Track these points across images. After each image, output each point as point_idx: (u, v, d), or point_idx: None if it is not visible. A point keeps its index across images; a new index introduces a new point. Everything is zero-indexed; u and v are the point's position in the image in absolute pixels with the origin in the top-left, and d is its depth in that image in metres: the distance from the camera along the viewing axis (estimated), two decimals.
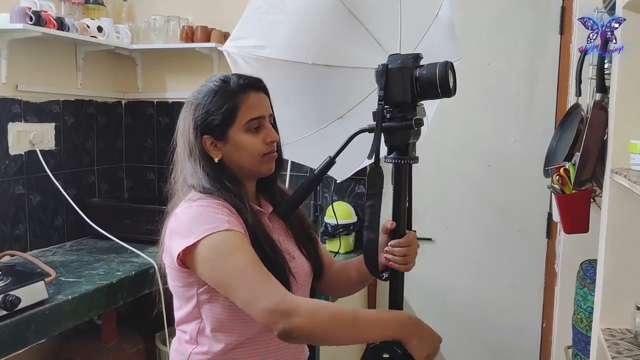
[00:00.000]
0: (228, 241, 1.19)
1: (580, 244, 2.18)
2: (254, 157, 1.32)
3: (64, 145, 2.77)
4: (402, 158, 1.28)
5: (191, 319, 1.30)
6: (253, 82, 1.34)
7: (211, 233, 1.19)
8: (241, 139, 1.30)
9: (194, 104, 1.33)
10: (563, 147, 1.99)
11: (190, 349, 1.31)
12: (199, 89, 1.35)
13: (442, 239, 2.94)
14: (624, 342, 1.48)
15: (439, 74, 1.20)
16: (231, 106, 1.29)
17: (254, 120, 1.31)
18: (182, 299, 1.31)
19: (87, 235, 2.82)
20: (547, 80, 2.73)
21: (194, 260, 1.20)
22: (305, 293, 1.41)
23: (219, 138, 1.31)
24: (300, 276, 1.37)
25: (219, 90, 1.31)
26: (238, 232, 1.21)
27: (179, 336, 1.36)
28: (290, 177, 2.81)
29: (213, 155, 1.31)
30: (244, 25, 1.65)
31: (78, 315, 1.97)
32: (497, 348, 2.91)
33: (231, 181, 1.31)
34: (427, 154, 2.82)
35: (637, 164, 1.40)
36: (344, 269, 1.52)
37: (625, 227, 1.53)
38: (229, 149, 1.31)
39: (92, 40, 2.67)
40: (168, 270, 1.32)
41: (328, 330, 1.15)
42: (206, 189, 1.28)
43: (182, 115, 1.36)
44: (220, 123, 1.30)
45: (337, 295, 1.64)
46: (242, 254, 1.19)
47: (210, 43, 2.82)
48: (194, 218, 1.22)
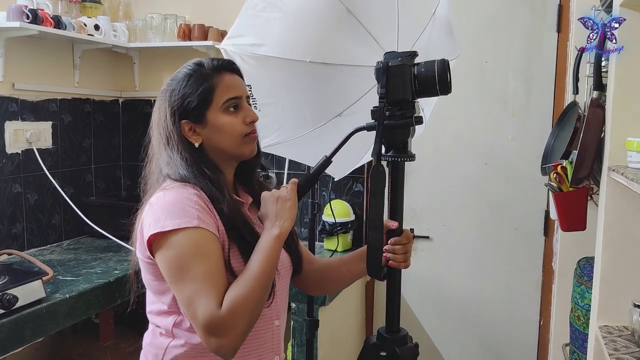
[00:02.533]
0: (191, 242, 1.18)
1: (578, 241, 2.19)
2: (234, 138, 1.30)
3: (61, 143, 2.77)
4: (400, 156, 1.27)
5: (167, 313, 1.27)
6: (227, 64, 1.34)
7: (179, 228, 1.17)
8: (220, 120, 1.28)
9: (169, 90, 1.31)
10: (560, 145, 1.99)
11: (167, 342, 1.28)
12: (172, 76, 1.33)
13: (440, 237, 2.94)
14: (621, 339, 1.49)
15: (437, 71, 1.20)
16: (207, 87, 1.28)
17: (232, 100, 1.29)
18: (157, 292, 1.28)
19: (84, 234, 2.82)
20: (544, 78, 2.74)
21: (157, 248, 1.20)
22: (285, 285, 1.40)
23: (198, 121, 1.29)
24: (282, 267, 1.36)
25: (193, 73, 1.30)
26: (205, 230, 1.19)
27: (153, 330, 1.33)
28: (288, 175, 2.81)
29: (193, 140, 1.29)
30: (241, 23, 1.65)
31: (75, 314, 1.97)
32: (495, 345, 2.92)
33: (210, 168, 1.29)
34: (425, 152, 2.86)
35: (634, 162, 1.40)
36: (329, 267, 1.51)
37: (622, 225, 1.54)
38: (208, 132, 1.29)
39: (89, 38, 2.67)
40: (141, 264, 1.29)
41: (253, 317, 1.17)
42: (183, 176, 1.26)
43: (156, 105, 1.34)
44: (198, 105, 1.28)
45: (317, 292, 1.63)
46: (198, 263, 1.17)
47: (207, 41, 2.82)
48: (166, 208, 1.20)
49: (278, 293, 1.33)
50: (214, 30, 2.85)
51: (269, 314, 1.33)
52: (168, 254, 1.18)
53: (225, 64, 1.33)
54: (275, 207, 1.26)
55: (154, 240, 1.19)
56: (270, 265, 1.20)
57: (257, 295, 1.17)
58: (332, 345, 2.59)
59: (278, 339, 1.38)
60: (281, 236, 1.23)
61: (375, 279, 1.36)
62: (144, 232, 1.22)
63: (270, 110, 1.56)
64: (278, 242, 1.23)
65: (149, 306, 1.33)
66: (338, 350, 2.68)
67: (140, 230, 1.26)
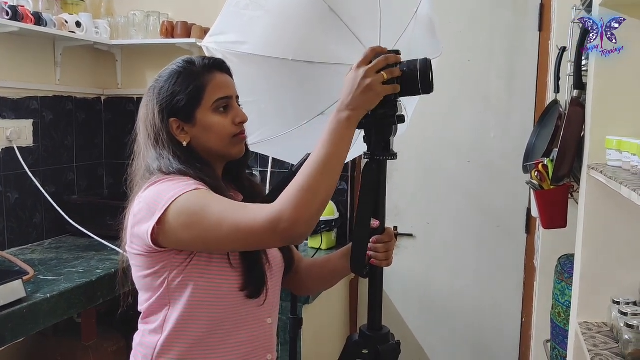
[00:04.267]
0: (196, 198, 1.16)
1: (559, 239, 2.21)
2: (223, 138, 1.28)
3: (42, 141, 2.74)
4: (382, 155, 1.28)
5: (158, 309, 1.26)
6: (218, 63, 1.32)
7: (177, 197, 1.15)
8: (209, 120, 1.27)
9: (157, 87, 1.29)
10: (542, 144, 2.01)
11: (156, 340, 1.26)
12: (161, 73, 1.31)
13: (423, 234, 2.96)
14: (600, 335, 1.51)
15: (420, 70, 1.20)
16: (197, 86, 1.26)
17: (222, 100, 1.28)
18: (149, 290, 1.26)
19: (66, 233, 2.79)
20: (526, 77, 2.76)
21: (167, 233, 1.16)
22: (278, 282, 1.39)
23: (186, 120, 1.27)
24: (275, 264, 1.36)
25: (183, 71, 1.28)
26: (205, 189, 1.18)
27: (143, 329, 1.31)
28: (272, 173, 2.81)
29: (181, 139, 1.27)
30: (223, 20, 1.64)
31: (57, 313, 1.95)
32: (478, 342, 2.94)
33: (203, 164, 1.27)
34: (408, 151, 2.87)
35: (613, 160, 1.42)
36: (314, 266, 1.51)
37: (601, 222, 1.55)
38: (197, 132, 1.28)
39: (71, 35, 2.64)
40: (135, 261, 1.27)
41: (317, 199, 1.11)
42: (179, 170, 1.23)
43: (144, 101, 1.32)
44: (187, 104, 1.26)
45: (303, 292, 1.63)
46: (215, 202, 1.15)
47: (190, 39, 2.81)
48: (158, 193, 1.18)
49: (270, 291, 1.33)
50: (197, 27, 2.84)
51: (261, 312, 1.32)
52: (181, 218, 1.14)
53: (217, 63, 1.32)
54: (349, 87, 1.16)
55: (158, 228, 1.16)
56: (334, 149, 1.12)
57: (318, 179, 1.11)
58: (316, 344, 2.60)
59: (270, 337, 1.37)
60: (351, 119, 1.14)
61: (359, 276, 1.37)
62: (142, 229, 1.19)
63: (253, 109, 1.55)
64: (347, 124, 1.14)
65: (141, 306, 1.31)
66: (322, 348, 2.68)
67: (132, 227, 1.23)
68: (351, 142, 1.16)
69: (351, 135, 1.16)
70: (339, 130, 1.14)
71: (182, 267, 1.22)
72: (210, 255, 1.23)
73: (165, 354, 1.26)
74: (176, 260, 1.22)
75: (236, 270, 1.25)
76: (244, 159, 1.38)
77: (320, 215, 1.13)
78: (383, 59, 1.17)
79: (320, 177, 1.11)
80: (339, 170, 1.15)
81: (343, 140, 1.15)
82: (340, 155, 1.14)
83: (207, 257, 1.23)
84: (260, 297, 1.28)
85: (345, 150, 1.15)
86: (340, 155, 1.14)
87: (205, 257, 1.22)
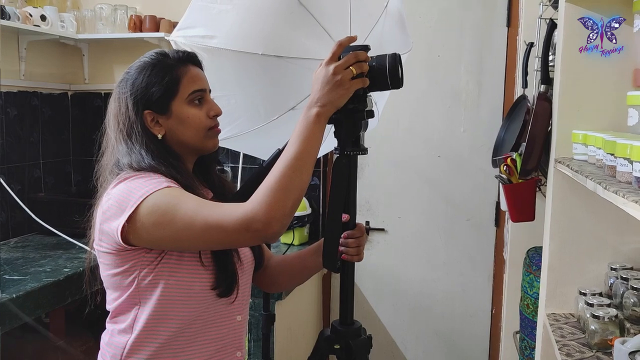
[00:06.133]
0: (167, 196, 1.14)
1: (527, 232, 2.24)
2: (198, 131, 1.27)
3: (7, 138, 2.68)
4: (353, 150, 1.28)
5: (127, 309, 1.24)
6: (192, 56, 1.32)
7: (148, 195, 1.13)
8: (185, 112, 1.26)
9: (130, 80, 1.26)
10: (510, 138, 2.04)
11: (125, 339, 1.24)
12: (131, 65, 1.29)
13: (395, 229, 2.98)
14: (567, 326, 1.54)
15: (388, 64, 1.21)
16: (173, 78, 1.25)
17: (197, 92, 1.27)
18: (118, 289, 1.24)
19: (33, 231, 2.74)
20: (495, 72, 2.79)
21: (138, 232, 1.14)
22: (248, 279, 1.39)
23: (161, 112, 1.25)
24: (245, 261, 1.35)
25: (157, 63, 1.27)
26: (176, 187, 1.17)
27: (112, 329, 1.28)
28: (243, 169, 2.79)
29: (155, 131, 1.25)
30: (191, 14, 1.61)
31: (24, 313, 1.91)
32: (449, 334, 2.97)
33: (175, 160, 1.26)
34: (378, 146, 2.88)
35: (580, 154, 1.44)
36: (284, 262, 1.51)
37: (568, 215, 1.58)
38: (172, 124, 1.26)
39: (35, 29, 2.59)
40: (103, 259, 1.24)
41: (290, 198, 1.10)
42: (150, 165, 1.21)
43: (114, 95, 1.29)
44: (163, 95, 1.24)
45: (273, 289, 1.62)
46: (186, 200, 1.14)
47: (159, 33, 2.77)
48: (128, 190, 1.16)
49: (241, 288, 1.32)
50: (166, 21, 2.81)
51: (231, 310, 1.31)
52: (152, 217, 1.13)
53: (190, 56, 1.32)
54: (319, 84, 1.17)
55: (129, 226, 1.14)
56: (305, 146, 1.13)
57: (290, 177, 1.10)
58: (289, 339, 2.59)
59: (240, 335, 1.37)
60: (321, 116, 1.15)
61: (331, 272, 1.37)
62: (112, 226, 1.16)
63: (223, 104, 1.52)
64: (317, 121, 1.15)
65: (109, 305, 1.29)
66: (295, 343, 2.68)
67: (101, 224, 1.21)
68: (322, 139, 1.17)
69: (322, 132, 1.16)
70: (309, 128, 1.15)
71: (153, 265, 1.20)
72: (180, 254, 1.21)
73: (135, 353, 1.24)
74: (146, 258, 1.20)
75: (207, 269, 1.24)
76: (215, 154, 1.37)
77: (293, 213, 1.13)
78: (352, 56, 1.17)
79: (292, 175, 1.11)
80: (311, 168, 1.15)
81: (314, 138, 1.15)
82: (312, 152, 1.15)
83: (177, 256, 1.21)
84: (231, 295, 1.27)
85: (317, 147, 1.16)
86: (312, 153, 1.15)
87: (175, 255, 1.21)
